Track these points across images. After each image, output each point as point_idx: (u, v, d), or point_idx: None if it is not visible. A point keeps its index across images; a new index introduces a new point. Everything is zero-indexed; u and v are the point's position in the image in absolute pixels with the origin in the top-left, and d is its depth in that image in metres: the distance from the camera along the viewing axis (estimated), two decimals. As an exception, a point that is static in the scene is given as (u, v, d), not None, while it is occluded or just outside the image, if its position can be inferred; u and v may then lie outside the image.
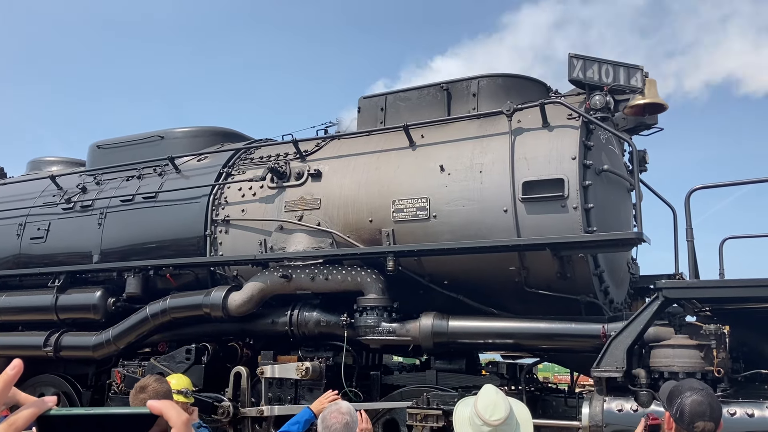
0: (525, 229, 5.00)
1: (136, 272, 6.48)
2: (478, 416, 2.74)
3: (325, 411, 3.24)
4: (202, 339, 6.12)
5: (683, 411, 2.56)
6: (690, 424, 2.53)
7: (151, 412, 0.72)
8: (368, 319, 5.24)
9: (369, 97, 6.34)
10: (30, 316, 7.05)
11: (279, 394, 5.56)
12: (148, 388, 3.16)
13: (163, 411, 0.73)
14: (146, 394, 3.12)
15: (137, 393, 3.13)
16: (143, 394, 3.12)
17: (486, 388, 2.93)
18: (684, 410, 2.56)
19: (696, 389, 2.65)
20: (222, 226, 6.27)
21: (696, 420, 2.52)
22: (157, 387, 3.18)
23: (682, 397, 2.60)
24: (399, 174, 5.57)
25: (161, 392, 3.16)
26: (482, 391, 2.93)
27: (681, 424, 2.57)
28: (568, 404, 5.25)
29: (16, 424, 0.73)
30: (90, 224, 7.06)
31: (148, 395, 3.10)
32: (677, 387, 2.73)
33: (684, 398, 2.59)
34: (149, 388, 3.16)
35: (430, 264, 5.35)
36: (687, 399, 2.59)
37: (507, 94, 5.67)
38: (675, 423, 2.59)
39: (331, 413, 3.19)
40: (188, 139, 7.31)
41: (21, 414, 0.73)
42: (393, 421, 5.41)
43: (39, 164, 9.10)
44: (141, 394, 3.12)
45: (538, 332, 4.97)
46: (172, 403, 0.76)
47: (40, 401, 0.75)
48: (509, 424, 2.78)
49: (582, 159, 4.99)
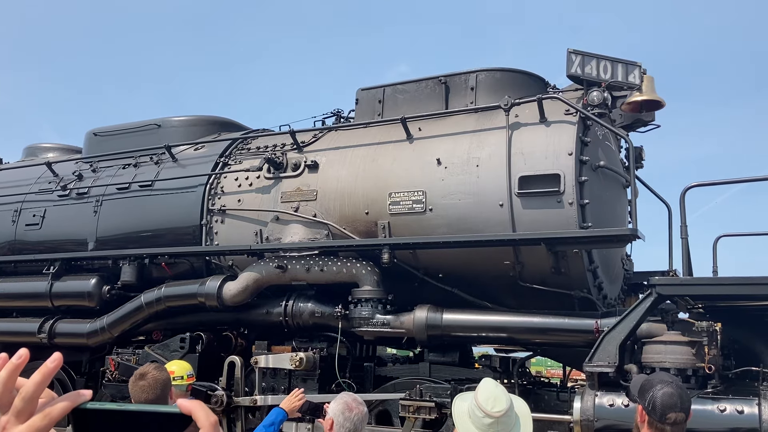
0: (520, 223, 5.02)
1: (132, 260, 6.48)
2: (479, 408, 2.75)
3: (341, 402, 3.15)
4: (196, 328, 6.14)
5: (655, 403, 2.61)
6: (662, 415, 2.59)
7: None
8: (363, 310, 5.26)
9: (367, 89, 6.33)
10: (24, 303, 7.07)
11: (273, 383, 5.58)
12: (148, 376, 3.15)
13: (192, 411, 0.74)
14: (145, 381, 3.11)
15: (137, 380, 3.13)
16: (143, 381, 3.11)
17: (485, 381, 2.95)
18: (656, 403, 2.61)
19: (666, 382, 2.71)
20: (218, 216, 6.27)
21: (668, 411, 2.58)
22: (156, 375, 3.16)
23: (653, 390, 2.66)
24: (396, 167, 5.57)
25: (161, 380, 3.14)
26: (481, 384, 2.94)
27: (653, 416, 2.62)
28: (560, 398, 5.28)
29: (51, 415, 0.74)
30: (86, 212, 7.05)
31: (147, 383, 3.10)
32: (648, 381, 2.78)
33: (655, 391, 2.65)
34: (149, 376, 3.15)
35: (426, 257, 5.36)
36: (658, 392, 2.64)
37: (505, 88, 5.66)
38: (647, 415, 2.63)
39: (350, 404, 3.13)
40: (185, 128, 7.29)
41: (57, 406, 0.74)
42: (386, 412, 5.44)
43: (35, 151, 9.06)
44: (140, 381, 3.11)
45: (532, 326, 5.00)
46: (201, 403, 0.77)
47: (75, 394, 0.75)
48: (510, 416, 2.81)
49: (578, 155, 5.00)
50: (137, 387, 3.09)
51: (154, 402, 3.02)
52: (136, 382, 3.12)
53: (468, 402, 2.85)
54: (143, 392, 3.07)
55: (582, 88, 5.33)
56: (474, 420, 2.78)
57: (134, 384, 3.12)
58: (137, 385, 3.10)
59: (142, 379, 3.12)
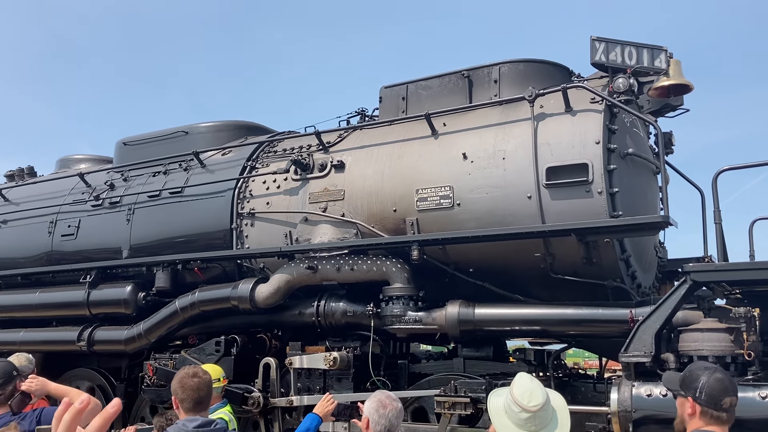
0: (549, 215, 4.97)
1: (165, 267, 6.58)
2: (515, 404, 2.73)
3: (375, 400, 3.18)
4: (231, 331, 6.20)
5: (707, 392, 2.57)
6: (717, 402, 2.55)
7: None
8: (394, 308, 5.26)
9: (390, 87, 6.33)
10: (63, 312, 7.21)
11: (308, 384, 5.62)
12: (200, 374, 3.31)
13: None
14: (200, 379, 3.25)
15: (190, 377, 3.24)
16: (197, 378, 3.25)
17: (520, 376, 2.93)
18: (708, 391, 2.57)
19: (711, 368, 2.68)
20: (247, 219, 6.33)
21: (723, 397, 2.56)
22: (206, 376, 3.33)
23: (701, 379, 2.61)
24: (422, 163, 5.57)
25: (209, 381, 3.31)
26: (517, 379, 2.93)
27: (708, 405, 2.57)
28: (597, 390, 5.23)
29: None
30: (119, 220, 7.18)
31: (202, 381, 3.25)
32: (690, 372, 2.73)
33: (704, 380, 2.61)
34: (201, 374, 3.31)
35: (455, 252, 5.34)
36: (708, 380, 2.60)
37: (529, 79, 5.62)
38: (700, 405, 2.59)
39: (383, 401, 3.16)
40: (212, 133, 7.38)
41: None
42: (421, 409, 5.45)
43: (68, 162, 9.27)
44: (195, 378, 3.24)
45: (565, 318, 4.95)
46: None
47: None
48: (546, 410, 2.79)
49: (606, 143, 4.94)
50: (192, 383, 3.20)
51: (205, 400, 3.25)
52: (190, 378, 3.23)
53: (503, 397, 2.83)
54: (198, 389, 3.20)
55: (607, 75, 5.26)
56: (510, 415, 2.76)
57: (189, 379, 3.22)
58: (192, 381, 3.21)
59: (195, 377, 3.25)
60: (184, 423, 3.07)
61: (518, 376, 2.88)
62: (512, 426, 2.75)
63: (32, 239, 7.83)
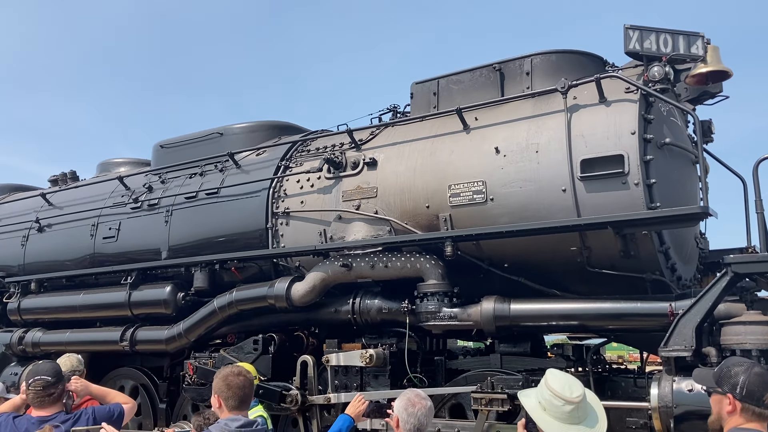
0: (585, 208, 4.90)
1: (203, 267, 6.68)
2: (557, 397, 2.76)
3: (404, 399, 3.21)
4: (268, 329, 6.25)
5: (750, 387, 2.50)
6: (760, 398, 2.49)
7: None
8: (429, 305, 5.24)
9: (421, 83, 6.31)
10: (106, 313, 7.38)
11: (345, 381, 5.63)
12: (244, 372, 3.40)
13: None
14: (245, 378, 3.35)
15: (236, 375, 3.34)
16: (242, 377, 3.34)
17: (552, 372, 2.94)
18: (750, 387, 2.50)
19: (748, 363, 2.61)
20: (282, 218, 6.38)
21: (765, 392, 2.49)
22: (249, 377, 3.42)
23: (740, 376, 2.54)
24: (454, 158, 5.53)
25: (250, 381, 3.40)
26: (550, 375, 2.93)
27: (750, 400, 2.50)
28: (637, 384, 5.14)
29: None
30: (157, 222, 7.31)
31: (247, 379, 3.35)
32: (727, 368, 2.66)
33: (744, 376, 2.53)
34: (245, 372, 3.41)
35: (489, 247, 5.30)
36: (749, 375, 2.53)
37: (561, 70, 5.53)
38: (742, 402, 2.52)
39: (412, 400, 3.19)
40: (246, 134, 7.46)
41: None
42: (459, 405, 5.43)
43: (108, 166, 9.49)
44: (240, 377, 3.34)
45: (603, 312, 4.86)
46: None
47: None
48: (585, 401, 2.80)
49: (642, 133, 4.83)
50: (238, 382, 3.30)
51: (248, 399, 3.34)
52: (235, 377, 3.32)
53: (534, 396, 2.83)
54: (243, 388, 3.30)
55: (642, 64, 5.14)
56: (552, 411, 2.77)
57: (234, 378, 3.32)
58: (237, 380, 3.31)
59: (240, 375, 3.35)
60: (227, 423, 3.13)
61: (549, 372, 2.89)
62: (555, 421, 2.77)
63: (76, 242, 8.03)
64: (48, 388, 3.85)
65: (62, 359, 5.19)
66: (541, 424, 2.79)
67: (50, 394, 3.86)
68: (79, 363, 5.23)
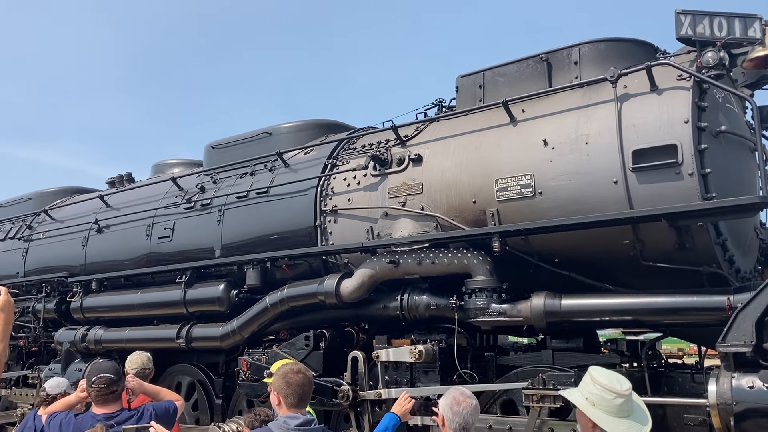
0: (637, 199, 4.77)
1: (255, 265, 6.78)
2: (608, 391, 2.77)
3: (449, 397, 3.21)
4: (319, 325, 6.30)
5: None
6: None
7: None
8: (477, 301, 5.20)
9: (467, 76, 6.25)
10: (163, 311, 7.58)
11: (395, 377, 5.64)
12: (303, 369, 3.45)
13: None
14: (306, 375, 3.38)
15: (295, 372, 3.38)
16: (303, 374, 3.38)
17: (595, 368, 2.95)
18: None
19: None
20: (330, 216, 6.43)
21: None
22: (309, 374, 3.46)
23: None
24: (501, 152, 5.46)
25: (310, 379, 3.44)
26: (594, 371, 2.93)
27: None
28: (695, 380, 4.99)
29: None
30: (210, 221, 7.46)
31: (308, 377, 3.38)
32: None
33: None
34: (304, 369, 3.46)
35: (539, 242, 5.22)
36: None
37: (611, 59, 5.39)
38: None
39: (457, 398, 3.19)
40: (294, 133, 7.55)
41: None
42: (510, 402, 5.37)
43: (162, 167, 9.75)
44: (300, 374, 3.38)
45: (658, 307, 4.73)
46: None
47: None
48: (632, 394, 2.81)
49: (696, 121, 4.67)
50: (297, 379, 3.34)
51: (307, 396, 3.38)
52: (295, 374, 3.36)
53: (578, 394, 2.84)
54: (303, 385, 3.34)
55: (695, 50, 4.97)
56: (603, 405, 2.78)
57: (294, 375, 3.35)
58: (297, 377, 3.34)
59: (300, 373, 3.39)
60: (286, 420, 3.17)
61: (592, 368, 2.93)
62: (607, 416, 2.77)
63: (132, 242, 8.27)
64: (111, 386, 3.97)
65: (133, 356, 5.35)
66: (594, 419, 2.79)
67: (113, 391, 3.98)
68: (148, 361, 5.38)
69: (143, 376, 5.20)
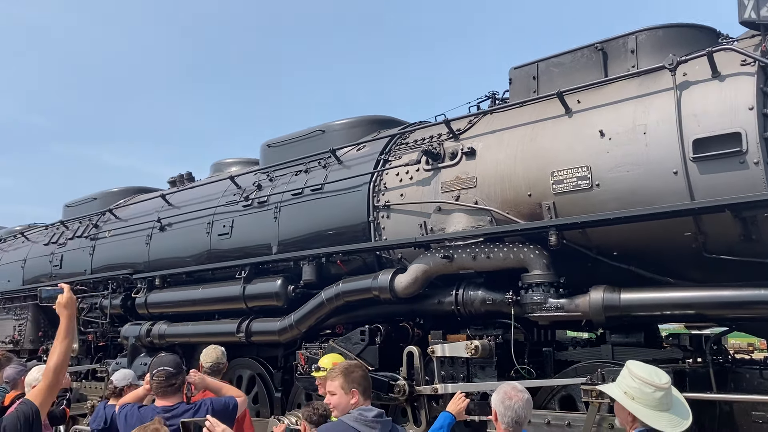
0: (699, 190, 4.62)
1: (310, 260, 6.87)
2: (647, 385, 2.78)
3: (502, 393, 3.25)
4: (375, 320, 6.35)
5: None
6: None
7: None
8: (534, 295, 5.13)
9: (520, 67, 6.16)
10: (223, 306, 7.76)
11: (451, 372, 5.64)
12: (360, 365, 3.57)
13: None
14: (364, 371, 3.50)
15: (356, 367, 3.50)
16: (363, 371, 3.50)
17: (632, 362, 2.99)
18: None
19: None
20: (383, 212, 6.45)
21: None
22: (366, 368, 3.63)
23: None
24: (556, 144, 5.38)
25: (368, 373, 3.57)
26: (632, 365, 2.96)
27: None
28: (763, 376, 4.81)
29: None
30: (267, 218, 7.60)
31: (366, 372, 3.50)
32: None
33: None
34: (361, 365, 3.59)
35: (597, 235, 5.12)
36: None
37: (670, 46, 5.23)
38: None
39: (509, 393, 3.23)
40: (346, 130, 7.61)
41: None
42: (569, 397, 5.29)
43: (220, 166, 9.98)
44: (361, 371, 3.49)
45: (722, 301, 4.57)
46: None
47: None
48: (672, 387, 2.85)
49: (761, 108, 4.48)
50: (363, 372, 3.49)
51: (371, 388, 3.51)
52: (358, 368, 3.50)
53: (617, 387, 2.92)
54: (366, 379, 3.46)
55: (759, 33, 4.78)
56: (642, 399, 2.80)
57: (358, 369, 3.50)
58: (357, 374, 3.46)
59: (360, 367, 3.52)
60: (361, 412, 3.26)
61: (630, 362, 2.97)
62: (646, 410, 2.79)
63: (193, 239, 8.50)
64: (170, 379, 4.11)
65: (208, 350, 5.52)
66: (634, 413, 2.81)
67: (171, 384, 4.12)
68: (222, 356, 5.55)
69: (217, 371, 5.38)
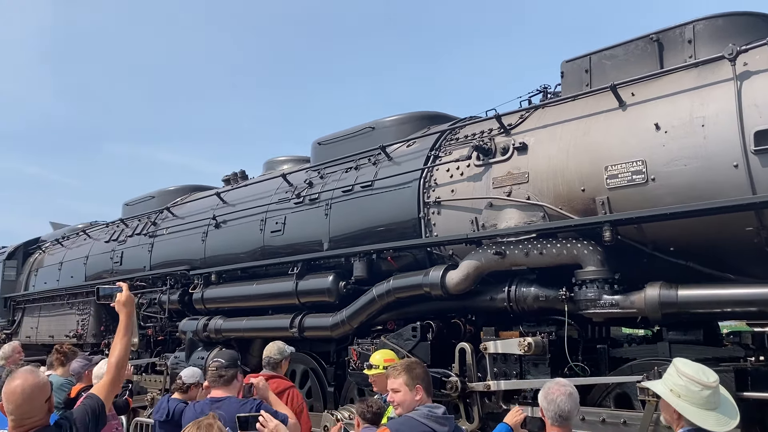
0: (760, 184, 4.47)
1: (361, 257, 6.93)
2: (695, 383, 2.75)
3: (545, 388, 3.31)
4: (426, 316, 6.36)
5: None
6: None
7: None
8: (588, 292, 5.06)
9: (572, 60, 6.06)
10: (276, 301, 7.90)
11: (504, 369, 5.60)
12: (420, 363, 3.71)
13: None
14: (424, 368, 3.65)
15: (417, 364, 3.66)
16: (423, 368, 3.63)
17: (680, 360, 2.94)
18: None
19: None
20: (434, 208, 6.45)
21: None
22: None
23: None
24: (610, 137, 5.28)
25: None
26: (679, 363, 2.91)
27: None
28: (833, 377, 4.63)
29: None
30: (318, 215, 7.69)
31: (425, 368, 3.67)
32: None
33: None
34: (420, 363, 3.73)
35: (652, 231, 5.01)
36: None
37: (729, 35, 5.07)
38: None
39: (551, 388, 3.27)
40: (396, 126, 7.62)
41: None
42: (625, 395, 5.20)
43: (272, 164, 10.15)
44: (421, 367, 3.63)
45: (786, 297, 4.43)
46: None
47: None
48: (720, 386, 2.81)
49: (827, 97, 4.32)
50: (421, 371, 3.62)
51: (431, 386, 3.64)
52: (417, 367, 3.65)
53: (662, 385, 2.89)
54: (428, 376, 3.60)
55: (826, 19, 4.59)
56: (689, 397, 2.76)
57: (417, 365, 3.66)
58: (420, 370, 3.61)
59: (422, 366, 3.65)
60: (430, 409, 3.39)
61: (677, 360, 2.92)
62: (693, 408, 2.75)
63: (247, 236, 8.67)
64: (219, 370, 4.23)
65: (271, 346, 5.63)
66: (680, 411, 2.78)
67: (221, 375, 4.25)
68: (278, 352, 5.60)
69: (269, 364, 5.47)
